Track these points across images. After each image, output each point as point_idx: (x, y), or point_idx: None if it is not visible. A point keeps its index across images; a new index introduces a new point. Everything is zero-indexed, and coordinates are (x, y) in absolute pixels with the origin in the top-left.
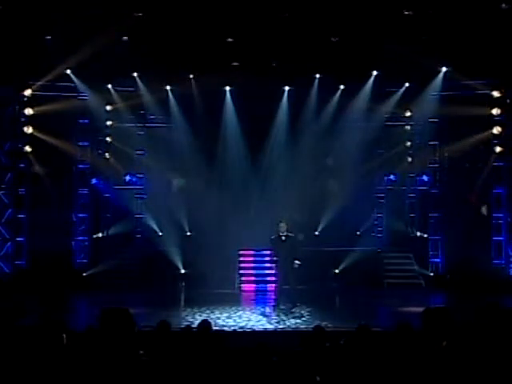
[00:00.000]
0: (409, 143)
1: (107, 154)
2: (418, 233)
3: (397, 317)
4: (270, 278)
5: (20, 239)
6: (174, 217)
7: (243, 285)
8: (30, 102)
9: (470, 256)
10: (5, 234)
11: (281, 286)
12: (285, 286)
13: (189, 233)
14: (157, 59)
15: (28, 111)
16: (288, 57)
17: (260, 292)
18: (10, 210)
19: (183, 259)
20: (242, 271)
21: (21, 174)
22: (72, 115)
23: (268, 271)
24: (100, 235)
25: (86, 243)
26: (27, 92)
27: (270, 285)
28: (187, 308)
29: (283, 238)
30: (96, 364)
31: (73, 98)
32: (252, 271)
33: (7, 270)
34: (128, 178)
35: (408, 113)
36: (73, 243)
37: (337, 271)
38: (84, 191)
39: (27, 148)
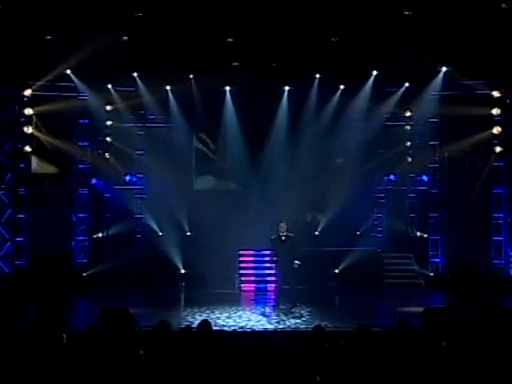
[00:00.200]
0: (409, 143)
1: (107, 154)
2: (418, 233)
3: (397, 317)
4: (270, 278)
5: (20, 239)
6: (175, 217)
7: (243, 285)
8: (30, 102)
9: (470, 256)
10: (5, 234)
11: (281, 286)
12: (285, 286)
13: (189, 233)
14: (157, 59)
15: (28, 111)
16: (288, 57)
17: (260, 292)
18: (10, 210)
19: (183, 259)
20: (242, 271)
21: (21, 174)
22: (72, 115)
23: (268, 271)
24: (100, 235)
25: (86, 243)
26: (27, 92)
27: (270, 285)
28: (187, 308)
29: (283, 238)
30: (96, 364)
31: (73, 98)
32: (252, 271)
33: (7, 270)
34: (128, 178)
35: (408, 113)
36: (73, 243)
37: (337, 271)
38: (84, 191)
39: (27, 148)
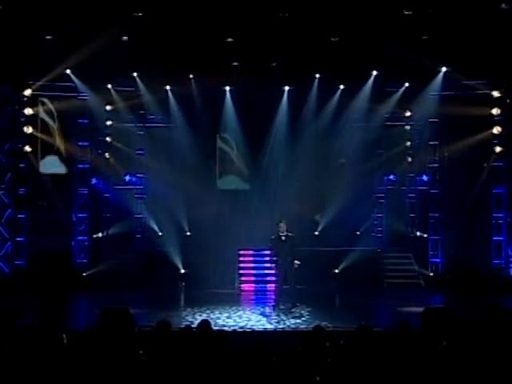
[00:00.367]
0: (409, 143)
1: (107, 154)
2: (418, 233)
3: (397, 317)
4: (270, 278)
5: (20, 239)
6: (176, 217)
7: (243, 285)
8: (30, 102)
9: (470, 256)
10: (5, 234)
11: (281, 286)
12: (285, 286)
13: (189, 233)
14: (157, 59)
15: (28, 111)
16: (288, 57)
17: (260, 292)
18: (10, 210)
19: (183, 259)
20: (242, 271)
21: (21, 174)
22: (72, 115)
23: (268, 271)
24: (100, 235)
25: (86, 243)
26: (27, 92)
27: (270, 285)
28: (187, 308)
29: (283, 238)
30: (96, 364)
31: (73, 98)
32: (252, 271)
33: (7, 270)
34: (128, 178)
35: (408, 113)
36: (73, 243)
37: (337, 271)
38: (84, 191)
39: (27, 148)
